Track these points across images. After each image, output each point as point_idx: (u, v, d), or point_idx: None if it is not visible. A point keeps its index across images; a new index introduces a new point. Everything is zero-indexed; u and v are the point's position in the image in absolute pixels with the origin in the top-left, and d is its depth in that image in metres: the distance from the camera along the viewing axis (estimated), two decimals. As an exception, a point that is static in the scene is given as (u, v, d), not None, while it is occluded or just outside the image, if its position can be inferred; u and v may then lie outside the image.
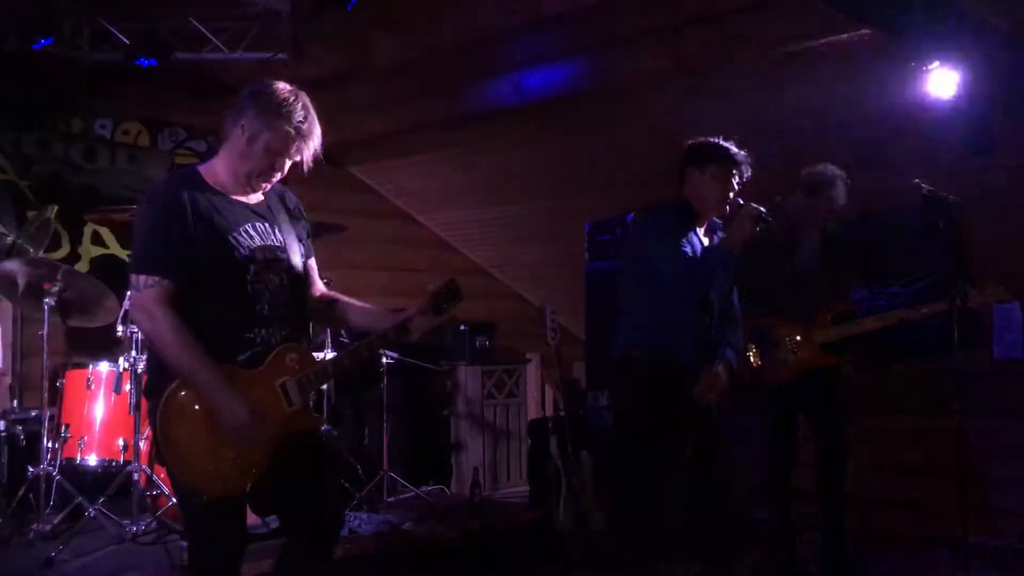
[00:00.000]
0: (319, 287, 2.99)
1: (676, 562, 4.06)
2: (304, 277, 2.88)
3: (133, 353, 4.68)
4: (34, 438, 4.83)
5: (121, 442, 4.72)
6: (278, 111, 2.67)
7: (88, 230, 6.21)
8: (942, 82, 4.39)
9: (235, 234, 2.69)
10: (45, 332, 4.75)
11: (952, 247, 4.62)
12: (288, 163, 2.73)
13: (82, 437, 4.77)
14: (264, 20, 5.30)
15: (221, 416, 2.58)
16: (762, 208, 3.58)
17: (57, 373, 5.03)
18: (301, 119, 2.69)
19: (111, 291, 4.98)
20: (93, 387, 4.84)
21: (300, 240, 2.89)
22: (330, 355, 4.95)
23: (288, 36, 5.33)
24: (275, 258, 2.75)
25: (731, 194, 3.67)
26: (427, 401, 6.61)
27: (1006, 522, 5.09)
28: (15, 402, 5.36)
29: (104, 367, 4.86)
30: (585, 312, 5.84)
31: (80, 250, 6.19)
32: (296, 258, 2.83)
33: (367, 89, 5.98)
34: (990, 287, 4.23)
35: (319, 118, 2.77)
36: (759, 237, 4.32)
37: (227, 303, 2.67)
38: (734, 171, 3.66)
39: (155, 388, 2.67)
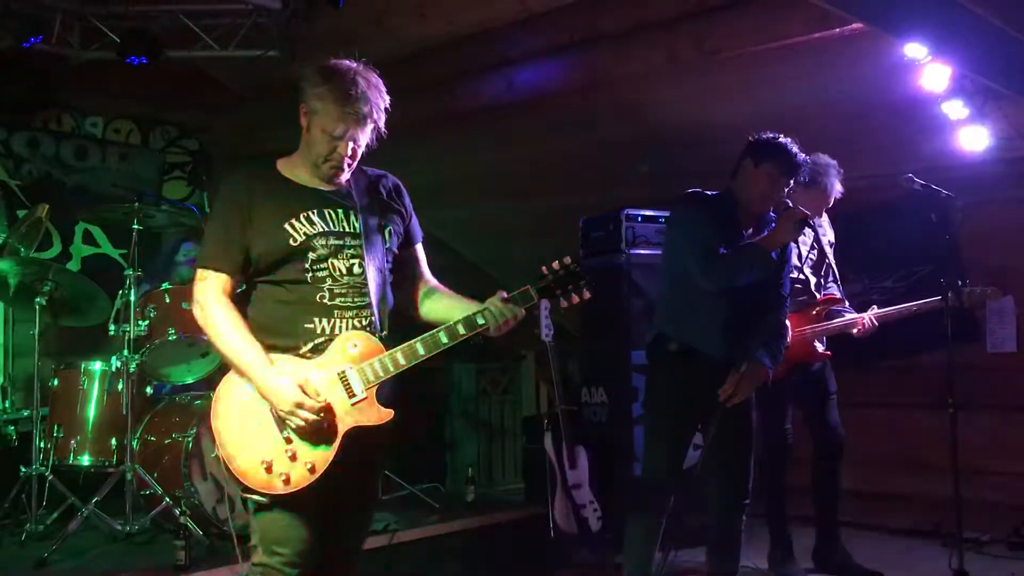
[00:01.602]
0: (425, 278, 2.88)
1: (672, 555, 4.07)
2: (387, 264, 2.72)
3: (125, 352, 4.66)
4: (26, 438, 4.81)
5: (114, 442, 4.70)
6: (325, 91, 2.54)
7: (79, 229, 6.20)
8: (934, 75, 4.40)
9: (292, 221, 2.58)
10: (36, 332, 4.74)
11: (945, 241, 4.63)
12: (352, 145, 2.59)
13: (75, 437, 4.74)
14: (255, 17, 5.28)
15: (270, 402, 2.50)
16: (807, 212, 3.57)
17: (49, 373, 5.01)
18: (350, 98, 2.53)
19: (103, 290, 4.97)
20: (85, 387, 4.81)
21: (393, 225, 2.75)
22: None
23: (279, 33, 5.31)
24: (342, 245, 2.62)
25: (779, 196, 3.64)
26: (422, 398, 6.60)
27: (1000, 516, 5.10)
28: (7, 402, 5.34)
29: (96, 367, 4.83)
30: (580, 308, 5.82)
31: (71, 249, 6.18)
32: (376, 246, 2.67)
33: (359, 86, 5.96)
34: (980, 288, 4.26)
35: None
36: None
37: (287, 293, 2.60)
38: (789, 174, 3.62)
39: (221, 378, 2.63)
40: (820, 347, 4.40)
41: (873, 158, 5.11)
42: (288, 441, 2.51)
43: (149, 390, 5.05)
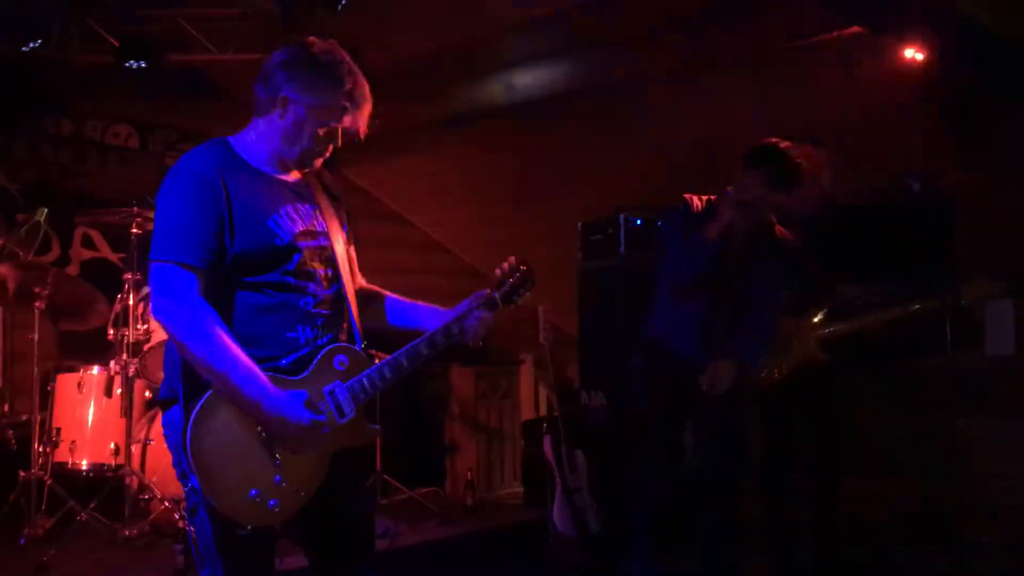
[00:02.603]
0: (359, 279, 2.64)
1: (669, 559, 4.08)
2: (349, 268, 2.50)
3: (124, 356, 4.66)
4: (25, 442, 4.80)
5: (113, 446, 4.70)
6: (323, 81, 2.30)
7: (78, 233, 6.19)
8: (933, 78, 4.41)
9: (275, 217, 2.31)
10: (35, 336, 4.73)
11: (944, 243, 4.63)
12: (339, 133, 2.38)
13: (73, 441, 4.74)
14: (254, 20, 5.29)
15: (275, 427, 2.21)
16: (744, 196, 3.55)
17: (48, 377, 5.00)
18: (350, 84, 2.32)
19: (101, 294, 4.96)
20: (84, 391, 4.81)
21: (342, 225, 2.50)
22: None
23: (278, 36, 5.31)
24: (319, 245, 2.39)
25: (772, 200, 3.64)
26: (421, 403, 6.60)
27: (1001, 519, 5.10)
28: (6, 407, 5.34)
29: (95, 371, 4.83)
30: (578, 312, 5.83)
31: (70, 253, 6.17)
32: (340, 246, 2.45)
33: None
34: (978, 282, 4.26)
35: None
36: (752, 230, 4.33)
37: (266, 297, 2.30)
38: (779, 180, 3.59)
39: (187, 396, 2.23)
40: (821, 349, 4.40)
41: (873, 161, 5.11)
42: (280, 470, 2.26)
43: (148, 394, 5.06)
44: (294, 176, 2.44)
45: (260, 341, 2.28)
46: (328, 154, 2.44)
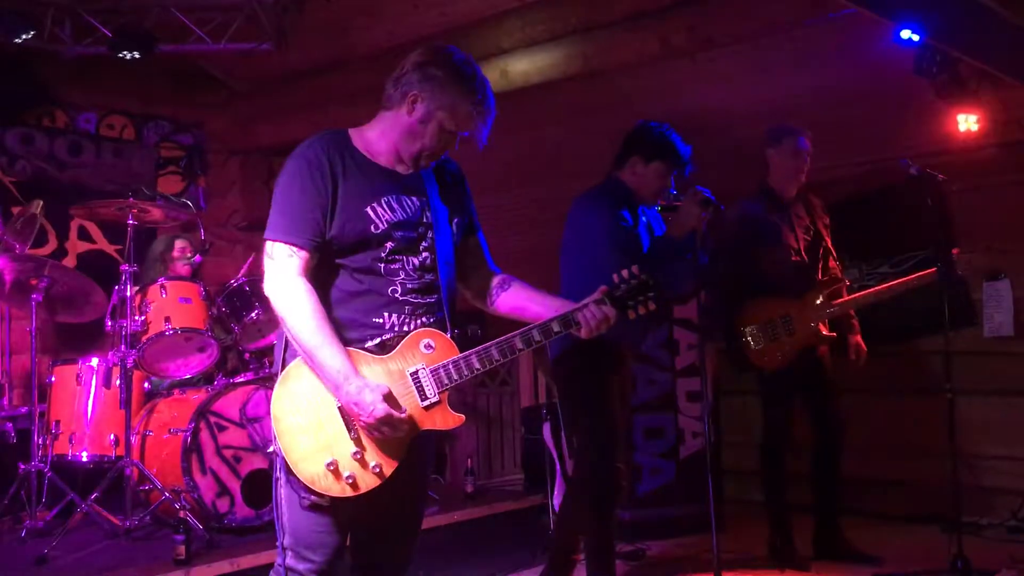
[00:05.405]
0: (490, 267, 2.69)
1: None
2: (455, 260, 2.57)
3: (122, 347, 4.65)
4: (25, 435, 4.81)
5: (112, 437, 4.70)
6: (457, 87, 2.41)
7: (74, 225, 6.18)
8: (928, 59, 4.40)
9: (374, 206, 2.41)
10: (33, 328, 4.73)
11: (940, 225, 4.62)
12: (456, 139, 2.48)
13: (73, 433, 4.74)
14: (247, 10, 5.27)
15: (351, 406, 2.29)
16: (710, 194, 3.57)
17: (46, 369, 5.00)
18: (481, 95, 2.44)
19: (98, 286, 4.96)
20: (83, 383, 4.80)
21: (459, 215, 2.59)
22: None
23: (272, 26, 5.30)
24: (417, 236, 2.46)
25: (668, 188, 3.76)
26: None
27: (998, 500, 5.12)
28: (5, 399, 5.34)
29: (94, 362, 4.83)
30: (576, 298, 5.83)
31: (67, 245, 6.16)
32: (447, 238, 2.53)
33: (352, 78, 5.94)
34: (967, 256, 4.29)
35: (306, 107, 2.58)
36: (746, 218, 4.34)
37: (356, 282, 2.41)
38: (678, 167, 3.73)
39: (282, 365, 2.41)
40: (824, 330, 4.40)
41: (868, 143, 5.10)
42: (356, 443, 2.34)
43: (147, 385, 5.06)
44: (408, 169, 2.51)
45: (349, 324, 2.40)
46: (445, 155, 2.55)
